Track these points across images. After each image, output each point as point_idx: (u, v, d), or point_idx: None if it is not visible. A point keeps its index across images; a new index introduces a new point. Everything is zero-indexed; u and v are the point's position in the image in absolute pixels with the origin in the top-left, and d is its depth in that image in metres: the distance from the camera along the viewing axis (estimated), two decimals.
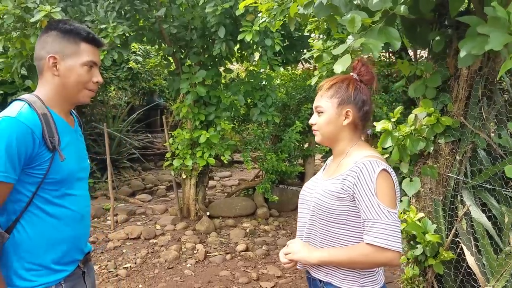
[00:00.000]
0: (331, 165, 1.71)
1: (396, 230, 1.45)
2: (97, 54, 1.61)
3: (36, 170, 1.46)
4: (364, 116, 1.61)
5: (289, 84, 6.93)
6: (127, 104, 9.87)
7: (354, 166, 1.51)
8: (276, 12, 2.85)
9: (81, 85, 1.57)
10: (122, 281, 4.04)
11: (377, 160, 1.51)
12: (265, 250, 4.75)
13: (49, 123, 1.48)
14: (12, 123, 1.40)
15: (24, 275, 1.50)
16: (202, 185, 5.72)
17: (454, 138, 2.44)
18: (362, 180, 1.47)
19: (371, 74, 1.63)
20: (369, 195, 1.46)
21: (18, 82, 4.97)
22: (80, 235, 1.64)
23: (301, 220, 1.72)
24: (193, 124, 5.23)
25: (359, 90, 1.60)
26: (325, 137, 1.64)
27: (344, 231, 1.54)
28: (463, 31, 2.15)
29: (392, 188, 1.50)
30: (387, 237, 1.43)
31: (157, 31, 4.97)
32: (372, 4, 1.87)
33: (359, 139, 1.64)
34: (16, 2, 3.88)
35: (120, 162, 8.12)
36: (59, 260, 1.56)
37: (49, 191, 1.50)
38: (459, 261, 2.48)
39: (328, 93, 1.61)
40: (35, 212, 1.49)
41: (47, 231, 1.52)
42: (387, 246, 1.43)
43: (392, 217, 1.45)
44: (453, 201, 2.50)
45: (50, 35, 1.55)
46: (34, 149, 1.43)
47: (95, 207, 6.05)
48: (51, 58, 1.53)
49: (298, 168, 6.17)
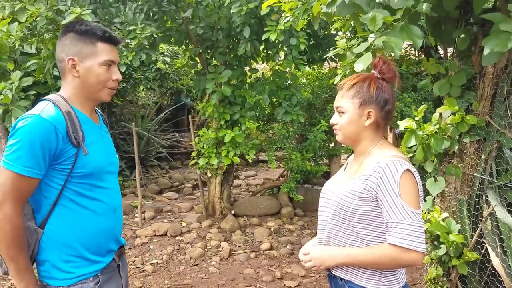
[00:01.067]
0: (353, 164, 1.70)
1: (420, 231, 1.44)
2: (115, 52, 1.64)
3: (63, 165, 1.52)
4: (386, 115, 1.60)
5: (314, 83, 6.91)
6: (155, 104, 10.06)
7: (377, 166, 1.50)
8: (300, 11, 2.86)
9: (101, 84, 1.61)
10: (149, 277, 4.13)
11: (400, 160, 1.49)
12: (290, 249, 4.76)
13: (73, 120, 1.54)
14: (35, 120, 1.47)
15: (62, 267, 1.56)
16: (227, 183, 5.78)
17: (479, 137, 2.40)
18: (385, 181, 1.47)
19: (392, 72, 1.60)
20: (392, 195, 1.45)
21: (51, 82, 5.14)
22: (114, 226, 1.70)
23: (321, 218, 1.72)
24: (219, 123, 5.29)
25: (381, 89, 1.58)
26: (346, 137, 1.63)
27: (366, 231, 1.54)
28: (488, 28, 2.11)
29: (416, 189, 1.49)
30: (411, 238, 1.43)
31: (184, 32, 5.05)
32: (394, 2, 1.86)
33: (381, 138, 1.63)
34: (48, 4, 4.02)
35: (148, 161, 8.29)
36: (95, 250, 1.62)
37: (80, 184, 1.56)
38: (484, 262, 2.43)
39: (349, 93, 1.60)
40: (68, 205, 1.56)
41: (82, 223, 1.58)
42: (411, 247, 1.43)
43: (416, 218, 1.44)
44: (478, 201, 2.46)
45: (68, 37, 1.60)
46: (58, 145, 1.49)
47: (124, 204, 6.20)
48: (70, 60, 1.58)
49: (323, 167, 6.15)
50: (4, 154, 1.48)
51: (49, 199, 1.54)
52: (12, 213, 1.45)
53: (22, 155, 1.44)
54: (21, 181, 1.46)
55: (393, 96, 1.60)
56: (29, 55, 5.13)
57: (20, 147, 1.45)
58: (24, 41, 4.48)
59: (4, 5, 4.21)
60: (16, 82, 4.70)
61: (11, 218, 1.45)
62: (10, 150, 1.46)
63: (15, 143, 1.45)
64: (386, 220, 1.47)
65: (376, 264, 1.51)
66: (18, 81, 4.73)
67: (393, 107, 1.61)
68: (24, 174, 1.45)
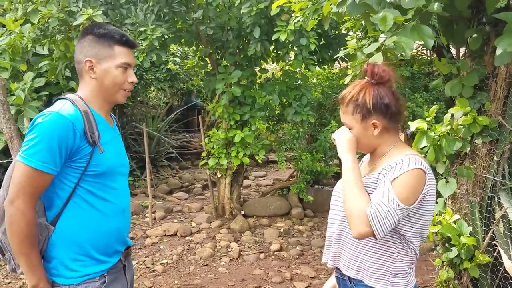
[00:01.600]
0: (368, 164, 1.69)
1: (385, 217, 1.39)
2: (131, 55, 1.68)
3: (78, 163, 1.55)
4: (392, 119, 1.56)
5: (325, 83, 6.88)
6: (166, 104, 10.11)
7: (392, 161, 1.50)
8: (310, 11, 2.85)
9: (117, 86, 1.65)
10: (159, 277, 4.15)
11: (417, 158, 1.48)
12: (299, 250, 4.75)
13: (90, 120, 1.57)
14: (54, 117, 1.49)
15: (70, 265, 1.57)
16: (236, 184, 5.78)
17: (491, 138, 2.37)
18: (393, 170, 1.46)
19: (386, 73, 1.54)
20: (387, 180, 1.44)
21: (63, 83, 5.19)
22: (122, 227, 1.72)
23: (332, 217, 1.72)
24: (228, 123, 5.30)
25: (377, 96, 1.52)
26: (363, 148, 1.62)
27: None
28: (501, 28, 2.08)
29: (416, 187, 1.44)
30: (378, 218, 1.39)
31: (194, 33, 5.06)
32: (405, 1, 1.84)
33: (398, 138, 1.61)
34: (60, 6, 4.06)
35: (159, 161, 8.33)
36: (103, 250, 1.63)
37: (93, 183, 1.59)
38: (496, 264, 2.40)
39: (348, 109, 1.57)
40: (79, 203, 1.57)
41: (91, 222, 1.59)
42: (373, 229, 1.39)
43: (393, 206, 1.40)
44: (490, 203, 2.43)
45: (86, 40, 1.64)
46: (75, 142, 1.51)
47: (135, 204, 6.24)
48: (88, 62, 1.62)
49: (333, 168, 6.12)
50: (21, 148, 1.50)
51: (61, 197, 1.56)
52: (25, 208, 1.47)
53: (40, 150, 1.46)
54: (37, 176, 1.47)
55: (394, 97, 1.55)
56: (41, 56, 5.19)
57: (38, 142, 1.47)
58: (36, 42, 4.53)
59: (17, 7, 4.26)
60: (28, 82, 4.76)
61: (24, 212, 1.47)
62: (28, 145, 1.48)
63: (33, 138, 1.48)
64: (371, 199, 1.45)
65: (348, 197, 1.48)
66: (30, 82, 4.79)
67: (398, 107, 1.56)
68: (40, 169, 1.47)
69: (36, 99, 4.95)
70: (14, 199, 1.47)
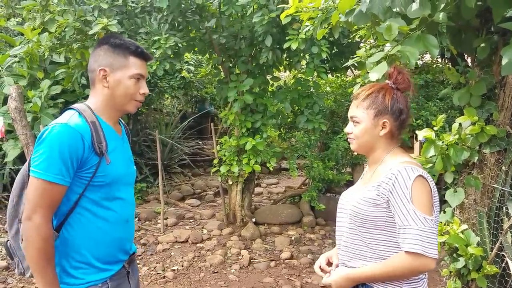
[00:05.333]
0: (367, 173, 1.72)
1: (432, 237, 1.44)
2: (145, 67, 1.70)
3: (85, 173, 1.56)
4: (401, 125, 1.61)
5: (337, 91, 6.88)
6: (179, 112, 10.20)
7: (389, 172, 1.51)
8: (318, 21, 2.87)
9: (129, 96, 1.66)
10: (169, 283, 4.18)
11: (412, 166, 1.50)
12: (310, 259, 4.73)
13: (97, 130, 1.58)
14: (63, 129, 1.51)
15: (72, 272, 1.59)
16: (248, 191, 5.80)
17: (499, 148, 2.35)
18: (397, 187, 1.47)
19: (407, 82, 1.61)
20: (404, 201, 1.46)
21: (78, 91, 5.31)
22: (124, 237, 1.73)
23: (339, 227, 1.73)
24: (240, 131, 5.33)
25: (395, 99, 1.58)
26: (360, 146, 1.65)
27: (384, 237, 1.54)
28: (509, 37, 2.08)
29: (428, 194, 1.49)
30: (422, 244, 1.42)
31: (207, 41, 5.13)
32: (411, 11, 1.86)
33: (395, 146, 1.64)
34: (76, 15, 4.16)
35: (172, 168, 8.41)
36: (104, 259, 1.64)
37: (99, 193, 1.60)
38: (504, 275, 2.36)
39: (364, 103, 1.61)
40: (83, 213, 1.59)
41: (94, 232, 1.61)
42: (423, 252, 1.42)
43: (428, 224, 1.44)
44: (498, 213, 2.40)
45: (102, 49, 1.66)
46: (84, 153, 1.53)
47: (147, 210, 6.31)
48: (102, 71, 1.64)
49: (345, 176, 6.09)
50: (32, 164, 1.51)
51: (66, 205, 1.58)
52: (41, 223, 1.47)
53: (52, 163, 1.47)
54: (52, 189, 1.48)
55: (407, 106, 1.61)
56: (58, 64, 5.32)
57: (49, 155, 1.48)
58: (53, 51, 4.65)
59: (35, 16, 4.37)
60: (45, 90, 4.88)
61: (39, 227, 1.47)
62: (39, 160, 1.48)
63: (44, 152, 1.48)
64: (399, 226, 1.48)
65: (394, 277, 1.51)
66: (47, 89, 4.91)
67: (408, 116, 1.61)
68: (55, 181, 1.48)
69: (52, 106, 5.07)
70: (31, 215, 1.47)
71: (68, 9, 4.17)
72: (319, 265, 1.79)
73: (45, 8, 4.25)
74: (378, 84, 1.64)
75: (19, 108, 3.92)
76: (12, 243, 1.62)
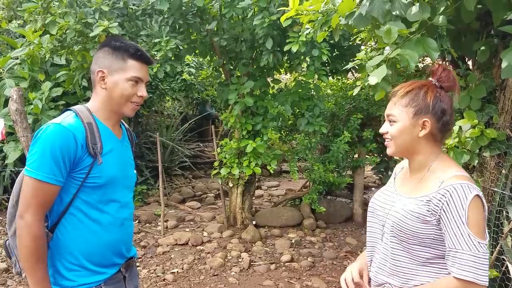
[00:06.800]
0: (409, 180, 1.57)
1: (484, 263, 1.33)
2: (144, 70, 1.70)
3: (78, 174, 1.57)
4: (443, 127, 1.47)
5: (338, 94, 6.88)
6: (180, 114, 10.21)
7: (442, 188, 1.38)
8: (318, 23, 2.87)
9: (125, 98, 1.66)
10: (169, 286, 4.17)
11: (468, 184, 1.37)
12: (311, 262, 4.72)
13: (93, 131, 1.59)
14: (56, 129, 1.52)
15: (66, 274, 1.59)
16: (248, 194, 5.79)
17: (499, 151, 2.34)
18: (452, 206, 1.35)
19: (452, 80, 1.47)
20: (459, 223, 1.34)
21: (79, 93, 5.31)
22: (119, 240, 1.71)
23: (371, 235, 1.63)
24: (240, 133, 5.33)
25: (438, 98, 1.45)
26: (399, 148, 1.50)
27: (428, 254, 1.44)
28: (509, 41, 2.07)
29: (483, 217, 1.38)
30: (475, 270, 1.32)
31: (208, 44, 5.13)
32: (411, 14, 1.86)
33: (440, 151, 1.51)
34: (77, 17, 4.16)
35: (172, 170, 8.40)
36: (97, 262, 1.64)
37: (91, 195, 1.60)
38: (504, 279, 2.35)
39: (402, 100, 1.48)
40: (76, 214, 1.59)
41: (86, 234, 1.60)
42: (474, 280, 1.32)
43: (482, 249, 1.34)
44: (498, 216, 2.40)
45: (102, 51, 1.68)
46: (77, 153, 1.54)
47: (147, 213, 6.30)
48: (99, 72, 1.66)
49: (346, 179, 6.08)
50: (26, 163, 1.53)
51: (60, 206, 1.58)
52: (33, 221, 1.49)
53: (44, 162, 1.49)
54: (44, 189, 1.50)
55: (451, 107, 1.48)
56: (59, 66, 5.33)
57: (41, 154, 1.49)
58: (54, 53, 4.64)
59: (36, 18, 4.38)
60: (46, 92, 4.88)
61: (30, 226, 1.48)
62: (32, 159, 1.51)
63: (37, 151, 1.51)
64: (449, 248, 1.37)
65: None
66: (48, 91, 4.91)
67: (452, 118, 1.48)
68: (46, 181, 1.49)
69: (53, 108, 5.07)
70: (23, 213, 1.49)
71: (69, 12, 4.17)
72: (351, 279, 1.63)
73: (46, 11, 4.26)
74: (420, 81, 1.51)
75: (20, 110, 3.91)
76: (11, 242, 1.63)
